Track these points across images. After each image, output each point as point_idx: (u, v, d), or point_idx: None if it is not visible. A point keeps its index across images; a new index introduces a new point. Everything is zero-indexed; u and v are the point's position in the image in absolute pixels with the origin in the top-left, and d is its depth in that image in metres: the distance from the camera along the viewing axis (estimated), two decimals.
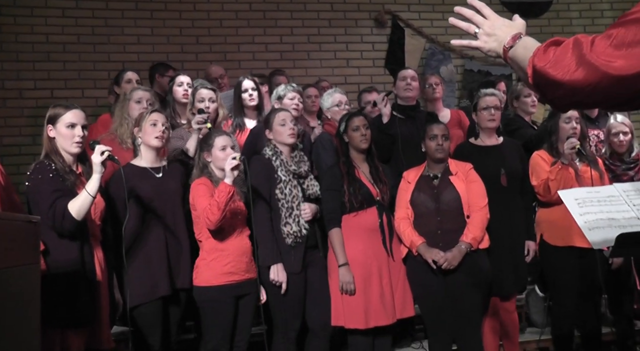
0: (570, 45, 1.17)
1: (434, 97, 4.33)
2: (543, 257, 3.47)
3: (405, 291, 3.30)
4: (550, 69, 1.17)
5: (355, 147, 3.40)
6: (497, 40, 1.35)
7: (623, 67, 1.08)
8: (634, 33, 1.09)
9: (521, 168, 3.51)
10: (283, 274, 3.13)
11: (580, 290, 3.40)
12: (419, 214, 3.29)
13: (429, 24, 5.77)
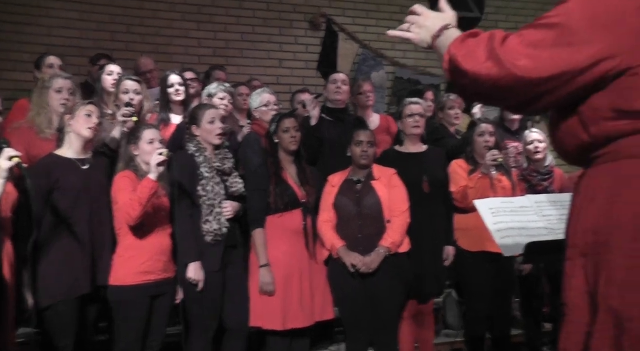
0: (485, 38, 1.18)
1: (366, 104, 4.35)
2: (458, 262, 3.56)
3: (326, 293, 3.29)
4: (462, 58, 1.18)
5: (285, 149, 3.37)
6: (427, 31, 1.37)
7: (527, 67, 1.08)
8: (543, 37, 1.09)
9: (444, 175, 3.60)
10: (201, 273, 3.04)
11: (492, 294, 3.51)
12: (341, 218, 3.30)
13: (363, 29, 5.82)
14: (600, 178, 1.08)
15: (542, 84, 1.09)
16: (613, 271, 1.01)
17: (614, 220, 1.02)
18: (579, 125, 1.11)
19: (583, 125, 1.10)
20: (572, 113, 1.12)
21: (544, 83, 1.08)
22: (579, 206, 1.11)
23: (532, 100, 1.12)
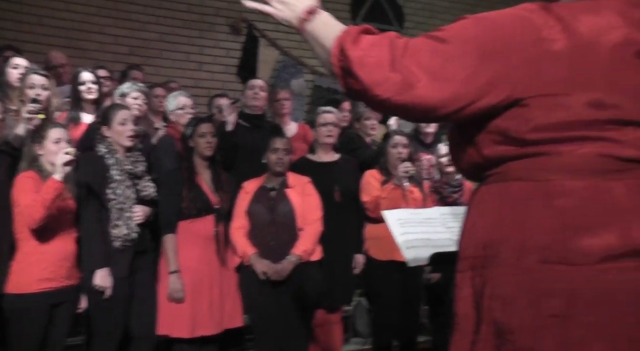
0: (386, 43, 1.10)
1: (281, 112, 4.37)
2: (368, 271, 3.64)
3: (236, 301, 3.27)
4: (357, 62, 1.09)
5: (200, 154, 3.33)
6: (292, 9, 1.25)
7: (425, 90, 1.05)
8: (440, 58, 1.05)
9: (356, 185, 3.66)
10: (108, 279, 2.94)
11: (400, 301, 3.60)
12: (254, 225, 3.30)
13: (284, 36, 5.84)
14: (490, 196, 1.12)
15: (437, 108, 1.07)
16: (498, 285, 1.05)
17: (501, 237, 1.06)
18: (472, 146, 1.14)
19: (476, 146, 1.13)
20: (467, 133, 1.15)
21: (440, 107, 1.07)
22: (470, 221, 1.15)
23: (428, 119, 1.14)
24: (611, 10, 1.08)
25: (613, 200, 1.02)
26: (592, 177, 1.03)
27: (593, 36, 1.04)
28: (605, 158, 1.03)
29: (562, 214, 1.02)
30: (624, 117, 1.04)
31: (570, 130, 1.03)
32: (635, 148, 1.04)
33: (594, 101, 1.02)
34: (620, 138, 1.03)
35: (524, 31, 1.05)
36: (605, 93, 1.03)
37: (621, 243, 1.00)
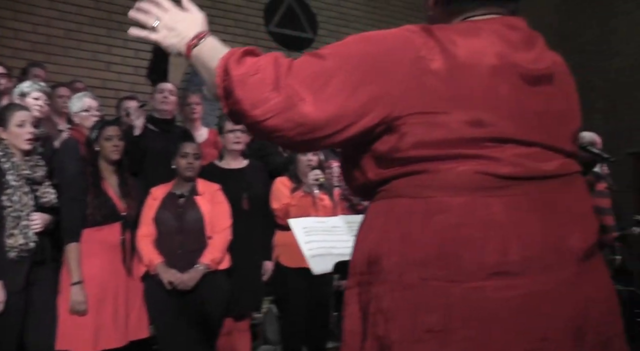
0: (270, 64, 1.09)
1: (192, 117, 4.32)
2: (277, 278, 3.67)
3: (142, 311, 3.19)
4: (238, 82, 1.09)
5: (106, 158, 3.24)
6: (179, 36, 1.24)
7: (308, 109, 1.05)
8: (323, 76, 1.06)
9: (264, 191, 3.68)
10: (2, 293, 2.78)
11: (310, 308, 3.66)
12: (161, 232, 3.24)
13: None
14: (377, 213, 1.14)
15: (322, 127, 1.07)
16: (381, 300, 1.07)
17: (385, 252, 1.08)
18: (358, 169, 1.16)
19: (361, 168, 1.16)
20: (352, 157, 1.17)
21: (324, 126, 1.07)
22: (359, 237, 1.17)
23: (311, 142, 1.11)
24: (490, 32, 1.13)
25: (491, 217, 1.04)
26: (470, 194, 1.05)
27: (471, 58, 1.08)
28: (483, 176, 1.05)
29: (441, 231, 1.04)
30: (502, 135, 1.07)
31: (450, 148, 1.05)
32: (512, 166, 1.06)
33: (473, 120, 1.05)
34: (498, 156, 1.06)
35: (404, 50, 1.08)
36: (483, 112, 1.06)
37: (498, 261, 1.02)
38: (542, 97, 1.13)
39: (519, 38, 1.15)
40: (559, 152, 1.14)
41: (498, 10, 1.19)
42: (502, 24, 1.16)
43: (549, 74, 1.16)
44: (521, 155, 1.07)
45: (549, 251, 1.06)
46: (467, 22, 1.18)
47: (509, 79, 1.09)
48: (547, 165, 1.10)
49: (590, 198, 1.21)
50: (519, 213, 1.05)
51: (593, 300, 1.10)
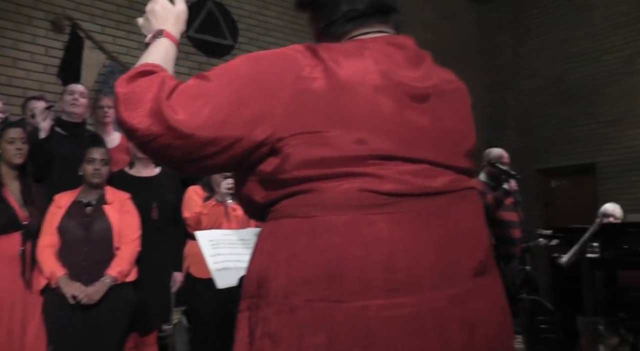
0: (157, 82, 1.10)
1: (104, 120, 4.20)
2: (187, 288, 3.62)
3: (40, 328, 3.04)
4: (123, 101, 1.09)
5: (7, 162, 3.11)
6: (148, 29, 1.28)
7: (186, 124, 1.05)
8: (206, 94, 1.08)
9: (175, 200, 3.62)
10: None
11: (221, 319, 3.63)
12: (65, 243, 3.12)
13: (112, 40, 5.61)
14: (266, 234, 1.13)
15: (204, 147, 1.07)
16: (268, 323, 1.06)
17: (272, 274, 1.07)
18: (249, 190, 1.17)
19: (252, 190, 1.16)
20: (243, 178, 1.17)
21: (206, 145, 1.07)
22: (251, 259, 1.16)
23: (196, 161, 1.10)
24: (375, 51, 1.15)
25: (376, 235, 1.03)
26: (354, 211, 1.05)
27: (355, 76, 1.09)
28: (367, 193, 1.05)
29: (326, 250, 1.04)
30: (385, 153, 1.07)
31: (334, 166, 1.06)
32: (395, 183, 1.07)
33: (356, 138, 1.06)
34: (383, 173, 1.06)
35: (287, 70, 1.09)
36: (366, 130, 1.07)
37: (384, 279, 1.02)
38: (430, 115, 1.15)
39: (405, 56, 1.17)
40: (449, 168, 1.15)
41: (382, 28, 1.23)
42: (388, 42, 1.18)
43: (436, 92, 1.18)
44: (407, 172, 1.08)
45: (437, 268, 1.06)
46: (353, 41, 1.21)
47: (393, 97, 1.11)
48: (436, 182, 1.11)
49: (482, 215, 1.22)
50: (405, 230, 1.05)
51: (485, 316, 1.11)
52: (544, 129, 8.71)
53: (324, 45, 1.15)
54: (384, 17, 1.23)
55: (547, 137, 8.65)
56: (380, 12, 1.22)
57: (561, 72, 8.57)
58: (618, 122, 7.90)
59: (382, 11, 1.23)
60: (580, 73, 8.36)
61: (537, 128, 8.80)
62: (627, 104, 7.81)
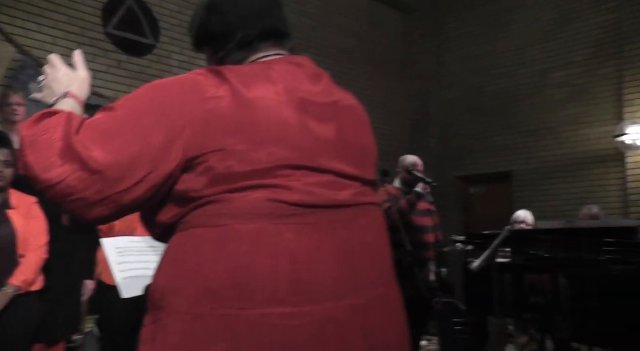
0: (62, 122, 1.10)
1: (12, 119, 4.01)
2: (99, 296, 3.51)
3: None
4: (29, 144, 1.08)
5: None
6: (51, 94, 1.25)
7: (100, 159, 1.06)
8: (114, 126, 1.09)
9: None
10: None
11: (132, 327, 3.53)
12: None
13: (24, 32, 5.35)
14: (174, 245, 1.14)
15: (121, 180, 1.07)
16: (171, 334, 1.06)
17: (179, 285, 1.08)
18: (160, 211, 1.16)
19: (162, 210, 1.16)
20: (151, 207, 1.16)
21: (122, 178, 1.07)
22: (157, 270, 1.16)
23: (112, 198, 1.09)
24: (278, 70, 1.20)
25: (282, 245, 1.07)
26: (262, 221, 1.08)
27: (260, 94, 1.14)
28: (275, 204, 1.08)
29: (234, 259, 1.06)
30: (293, 164, 1.12)
31: (244, 180, 1.09)
32: (303, 194, 1.11)
33: (264, 152, 1.10)
34: (291, 184, 1.11)
35: (192, 93, 1.12)
36: (274, 144, 1.11)
37: (288, 288, 1.05)
38: (334, 129, 1.21)
39: (306, 74, 1.24)
40: (355, 180, 1.21)
41: (279, 51, 1.29)
42: (289, 62, 1.25)
43: (338, 108, 1.25)
44: (314, 184, 1.13)
45: (340, 279, 1.11)
46: (257, 63, 1.26)
47: (298, 111, 1.16)
48: (341, 195, 1.17)
49: (384, 229, 1.28)
50: (311, 241, 1.09)
51: (384, 326, 1.17)
52: (464, 138, 9.03)
53: (228, 67, 1.19)
54: (279, 41, 1.30)
55: (467, 146, 8.97)
56: (275, 37, 1.29)
57: (480, 83, 8.92)
58: (533, 133, 8.30)
59: (276, 36, 1.29)
60: (498, 85, 8.74)
61: (458, 136, 9.12)
62: (541, 116, 8.23)
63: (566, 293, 3.08)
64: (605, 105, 7.68)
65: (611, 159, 7.56)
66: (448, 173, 9.14)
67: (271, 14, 1.30)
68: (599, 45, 7.78)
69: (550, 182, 8.09)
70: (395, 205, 3.91)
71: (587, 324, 3.02)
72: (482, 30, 8.99)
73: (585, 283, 3.05)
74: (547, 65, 8.24)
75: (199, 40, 1.34)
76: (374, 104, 8.77)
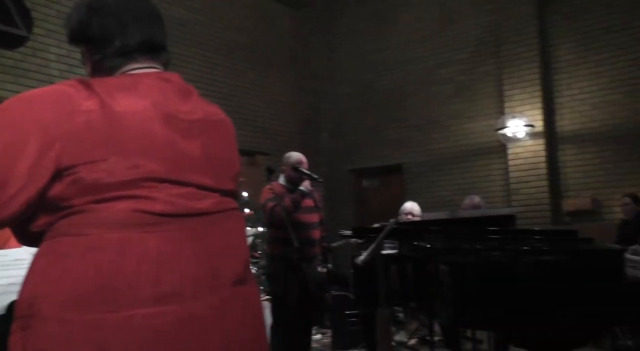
0: None
1: None
2: None
3: None
4: None
5: None
6: None
7: None
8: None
9: None
10: None
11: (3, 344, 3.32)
12: None
13: None
14: (40, 253, 1.17)
15: None
16: (39, 341, 1.09)
17: (45, 292, 1.11)
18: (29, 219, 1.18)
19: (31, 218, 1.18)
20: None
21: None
22: (24, 280, 1.17)
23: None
24: (147, 84, 1.26)
25: (146, 251, 1.14)
26: (127, 230, 1.14)
27: (128, 107, 1.19)
28: (139, 214, 1.15)
29: (99, 265, 1.11)
30: (157, 176, 1.19)
31: (110, 191, 1.15)
32: (166, 204, 1.19)
33: (131, 164, 1.16)
34: (154, 195, 1.18)
35: (62, 106, 1.15)
36: (140, 156, 1.18)
37: (151, 291, 1.13)
38: (199, 143, 1.29)
39: (174, 90, 1.31)
40: (215, 191, 1.30)
41: (152, 64, 1.35)
42: (158, 77, 1.31)
43: (204, 123, 1.32)
44: (176, 195, 1.21)
45: (200, 279, 1.20)
46: (126, 75, 1.32)
47: (165, 126, 1.23)
48: (202, 204, 1.26)
49: (242, 232, 1.39)
50: (172, 246, 1.18)
51: (241, 321, 1.27)
52: (356, 132, 9.25)
53: (98, 79, 1.25)
54: (155, 55, 1.36)
55: (359, 140, 9.20)
56: (151, 50, 1.35)
57: (370, 79, 9.17)
58: (421, 126, 8.66)
59: (152, 49, 1.35)
60: (388, 81, 9.02)
61: (349, 131, 9.32)
62: (429, 111, 8.59)
63: (446, 281, 3.22)
64: (487, 101, 8.14)
65: (494, 151, 8.03)
66: (341, 167, 9.33)
67: (151, 26, 1.35)
68: (480, 45, 8.23)
69: (438, 174, 8.47)
70: (279, 204, 3.92)
71: (467, 310, 3.17)
72: (371, 27, 9.24)
73: (464, 271, 3.19)
74: (433, 62, 8.61)
75: (75, 37, 1.36)
76: (266, 101, 8.78)
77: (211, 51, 7.89)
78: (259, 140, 8.50)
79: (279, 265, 4.09)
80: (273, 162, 7.80)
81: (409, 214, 5.51)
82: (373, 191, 9.32)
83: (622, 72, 7.29)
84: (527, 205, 7.55)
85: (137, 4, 1.35)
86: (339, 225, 8.93)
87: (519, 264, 3.15)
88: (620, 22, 7.34)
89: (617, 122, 7.30)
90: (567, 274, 3.09)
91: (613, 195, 7.08)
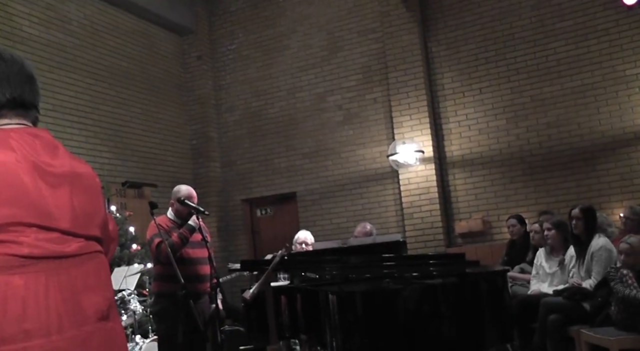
0: None
1: None
2: None
3: None
4: None
5: None
6: None
7: None
8: None
9: None
10: None
11: None
12: None
13: None
14: None
15: None
16: None
17: None
18: None
19: None
20: None
21: None
22: None
23: None
24: (17, 139, 1.41)
25: (13, 291, 1.29)
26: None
27: (2, 160, 1.35)
28: (7, 257, 1.31)
29: None
30: (25, 222, 1.35)
31: None
32: (33, 248, 1.35)
33: (2, 212, 1.33)
34: (22, 240, 1.34)
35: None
36: (9, 204, 1.34)
37: (17, 328, 1.27)
38: (65, 193, 1.45)
39: (43, 145, 1.46)
40: (79, 236, 1.46)
41: (22, 121, 1.50)
42: (28, 133, 1.46)
43: (71, 176, 1.48)
44: (43, 239, 1.37)
45: (64, 316, 1.35)
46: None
47: (34, 178, 1.39)
48: (67, 247, 1.41)
49: (106, 272, 1.55)
50: (38, 286, 1.33)
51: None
52: (247, 161, 9.29)
53: None
54: (25, 111, 1.51)
55: (251, 169, 9.24)
56: (22, 107, 1.50)
57: (260, 107, 9.26)
58: (313, 154, 8.84)
59: (22, 106, 1.50)
60: (278, 108, 9.16)
61: (240, 160, 9.35)
62: (321, 138, 8.80)
63: (333, 310, 3.32)
64: (377, 127, 8.47)
65: (386, 177, 8.34)
66: (234, 197, 9.32)
67: (22, 85, 1.50)
68: (367, 72, 8.59)
69: (332, 201, 8.66)
70: (165, 241, 3.89)
71: (354, 338, 3.27)
72: (258, 54, 9.36)
73: (351, 300, 3.30)
74: (322, 89, 8.86)
75: None
76: (154, 130, 8.63)
77: (93, 78, 7.68)
78: (147, 171, 8.31)
79: (165, 302, 4.03)
80: (162, 193, 7.66)
81: (303, 243, 5.60)
82: (267, 220, 9.36)
83: (503, 100, 7.88)
84: (421, 229, 7.90)
85: (10, 65, 1.50)
86: (232, 256, 8.88)
87: (406, 290, 3.30)
88: (495, 53, 7.95)
89: (502, 146, 7.86)
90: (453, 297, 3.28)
91: (501, 216, 7.56)
